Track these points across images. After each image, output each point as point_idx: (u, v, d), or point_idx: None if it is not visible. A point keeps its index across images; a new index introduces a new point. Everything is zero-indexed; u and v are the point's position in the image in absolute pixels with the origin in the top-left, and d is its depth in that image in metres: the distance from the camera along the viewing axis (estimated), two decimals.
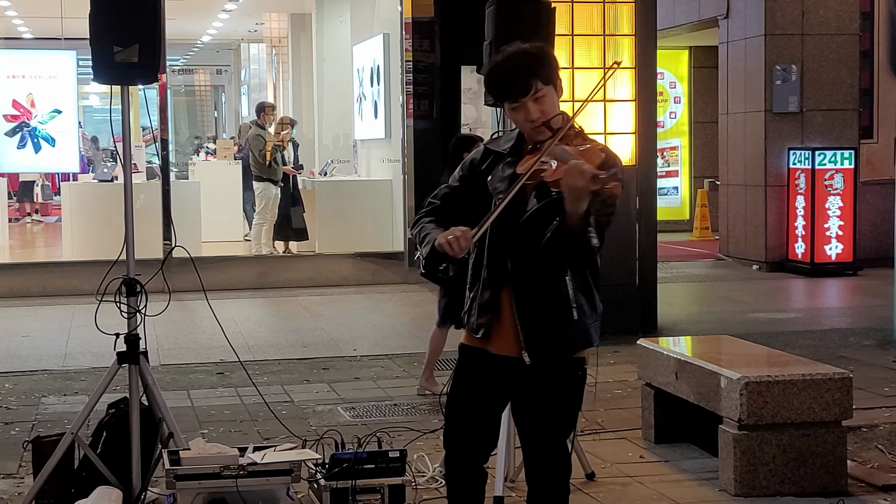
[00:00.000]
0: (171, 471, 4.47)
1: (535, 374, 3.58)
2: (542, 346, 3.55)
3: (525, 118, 3.54)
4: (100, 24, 4.95)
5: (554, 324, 3.55)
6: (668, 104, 18.46)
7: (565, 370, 3.61)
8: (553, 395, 3.61)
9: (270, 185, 14.07)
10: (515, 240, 3.53)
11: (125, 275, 5.07)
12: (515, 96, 3.53)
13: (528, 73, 3.53)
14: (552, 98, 3.57)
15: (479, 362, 3.67)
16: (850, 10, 13.64)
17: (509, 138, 3.70)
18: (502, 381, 3.65)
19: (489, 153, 3.69)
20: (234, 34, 24.60)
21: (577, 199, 3.26)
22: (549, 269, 3.51)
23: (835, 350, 8.69)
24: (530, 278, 3.54)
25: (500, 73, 3.58)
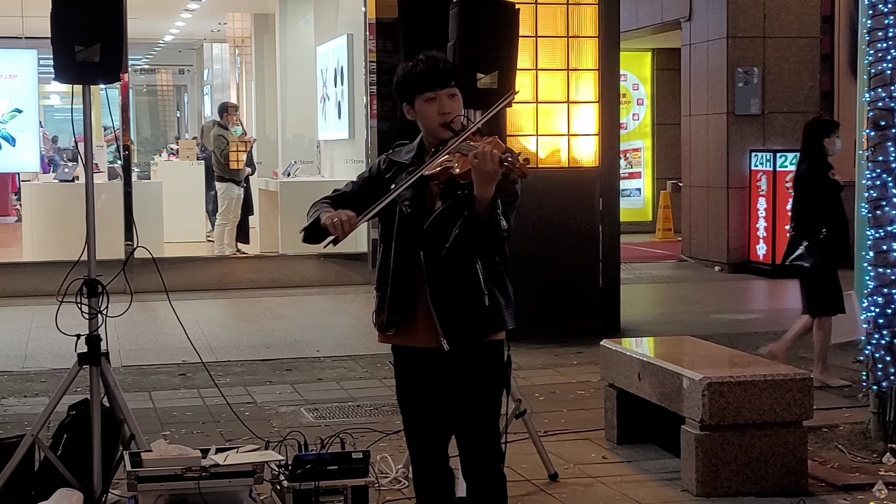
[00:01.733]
0: (133, 473, 4.43)
1: (456, 359, 3.76)
2: (458, 332, 3.73)
3: (438, 111, 3.74)
4: (61, 23, 4.92)
5: (468, 310, 3.73)
6: (631, 106, 18.55)
7: (484, 353, 3.79)
8: (476, 378, 3.79)
9: (233, 185, 14.03)
10: (425, 240, 3.71)
11: (86, 275, 5.04)
12: (435, 85, 3.74)
13: (449, 70, 3.82)
14: (459, 103, 3.81)
15: (408, 359, 3.88)
16: (811, 13, 13.76)
17: (410, 149, 3.88)
18: (430, 373, 3.83)
19: (392, 164, 3.87)
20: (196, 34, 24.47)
21: (487, 182, 3.49)
22: (460, 259, 3.70)
23: (796, 351, 8.74)
24: (443, 271, 3.71)
25: (424, 66, 3.78)
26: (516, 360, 8.25)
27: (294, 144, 17.25)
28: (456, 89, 3.78)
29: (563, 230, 9.40)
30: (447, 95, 3.76)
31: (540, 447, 5.58)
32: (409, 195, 3.75)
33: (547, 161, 9.39)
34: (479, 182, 3.50)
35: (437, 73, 3.76)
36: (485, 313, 3.75)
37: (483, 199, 3.52)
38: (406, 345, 3.86)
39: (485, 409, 3.82)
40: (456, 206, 3.64)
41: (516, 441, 5.88)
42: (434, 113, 3.76)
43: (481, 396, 3.81)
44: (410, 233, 3.76)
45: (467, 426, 3.83)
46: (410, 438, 3.96)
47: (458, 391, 3.81)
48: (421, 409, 3.89)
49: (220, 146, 13.92)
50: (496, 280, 3.78)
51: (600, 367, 6.40)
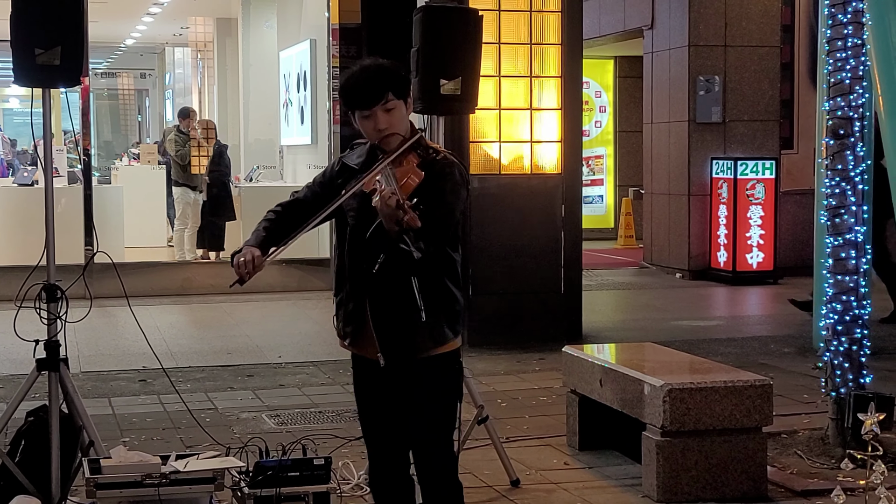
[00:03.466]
0: (92, 479, 4.40)
1: (395, 374, 3.75)
2: (392, 348, 3.71)
3: (374, 127, 3.65)
4: (21, 26, 4.87)
5: (402, 326, 3.69)
6: (593, 113, 18.62)
7: (425, 368, 3.74)
8: (418, 393, 3.76)
9: (188, 189, 13.98)
10: (366, 251, 3.68)
11: (45, 280, 4.99)
12: (368, 104, 3.64)
13: (381, 83, 3.65)
14: (401, 112, 3.69)
15: (361, 368, 3.87)
16: (772, 22, 13.87)
17: (361, 153, 3.81)
18: (379, 384, 3.81)
19: (345, 168, 3.82)
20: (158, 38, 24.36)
21: (389, 220, 3.39)
22: (395, 276, 3.65)
23: (756, 357, 8.81)
24: (381, 286, 3.68)
25: (355, 81, 3.68)
26: (479, 366, 8.32)
27: (257, 149, 17.20)
28: (395, 101, 3.65)
29: (525, 237, 9.42)
30: (382, 111, 3.64)
31: (502, 453, 5.59)
32: (355, 204, 3.69)
33: (510, 168, 9.41)
34: (382, 219, 3.43)
35: (367, 91, 3.65)
36: (422, 330, 3.68)
37: (389, 230, 3.44)
38: (359, 354, 3.85)
39: (432, 421, 3.78)
40: None
41: (478, 447, 5.90)
42: (370, 129, 3.68)
43: (427, 410, 3.76)
44: (357, 242, 3.73)
45: (417, 438, 3.81)
46: (368, 445, 3.96)
47: (404, 405, 3.79)
48: (374, 417, 3.88)
49: (177, 151, 13.87)
50: (437, 291, 3.71)
51: (562, 374, 6.42)
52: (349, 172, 3.77)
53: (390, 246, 3.54)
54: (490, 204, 9.34)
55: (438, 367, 3.76)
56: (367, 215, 3.62)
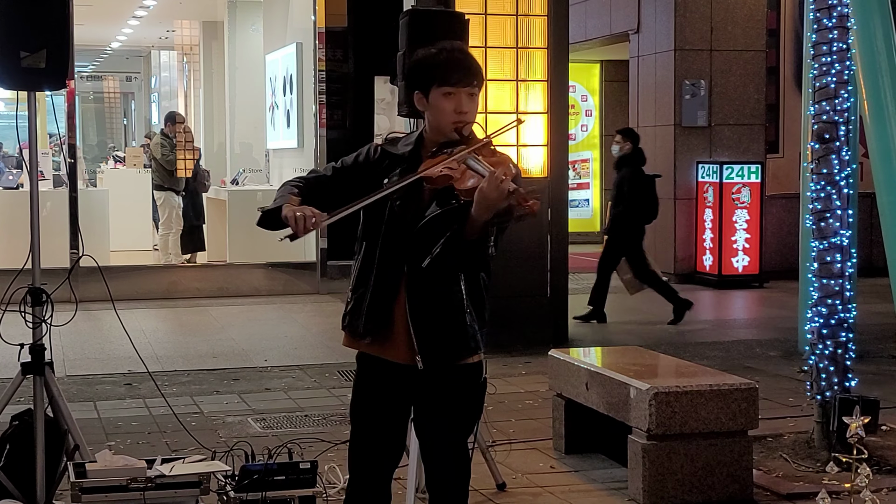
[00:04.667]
0: (77, 483, 4.39)
1: (430, 380, 3.54)
2: (434, 352, 3.50)
3: (455, 108, 3.46)
4: (6, 29, 4.86)
5: (447, 329, 3.50)
6: (579, 117, 18.66)
7: (460, 376, 3.56)
8: (450, 401, 3.57)
9: (172, 194, 13.99)
10: (412, 245, 3.45)
11: (31, 284, 4.98)
12: (465, 78, 3.46)
13: (477, 68, 3.53)
14: (477, 106, 3.53)
15: (376, 371, 3.61)
16: (757, 27, 13.92)
17: (408, 142, 3.59)
18: (400, 389, 3.59)
19: (386, 155, 3.58)
20: (144, 41, 24.30)
21: (487, 209, 3.25)
22: (444, 274, 3.46)
23: (741, 361, 8.83)
24: (425, 283, 3.46)
25: (454, 55, 3.50)
26: None
27: (242, 153, 17.18)
28: (476, 90, 3.50)
29: (511, 240, 9.36)
30: (467, 94, 3.46)
31: (488, 457, 5.59)
32: (402, 193, 3.46)
33: None
34: (479, 206, 3.25)
35: (464, 67, 3.46)
36: (465, 334, 3.51)
37: (477, 223, 3.28)
38: (377, 356, 3.59)
39: (457, 433, 3.61)
40: (449, 215, 3.38)
41: None
42: (450, 109, 3.46)
43: (455, 421, 3.59)
44: (398, 234, 3.48)
45: (437, 448, 3.62)
46: (356, 455, 3.68)
47: (432, 413, 3.59)
48: (377, 425, 3.63)
49: (163, 155, 13.87)
50: (477, 300, 3.54)
51: (548, 377, 6.42)
52: (395, 159, 3.55)
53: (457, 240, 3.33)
54: None
55: (470, 376, 3.59)
56: (414, 205, 3.46)
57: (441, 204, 3.42)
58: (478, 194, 3.25)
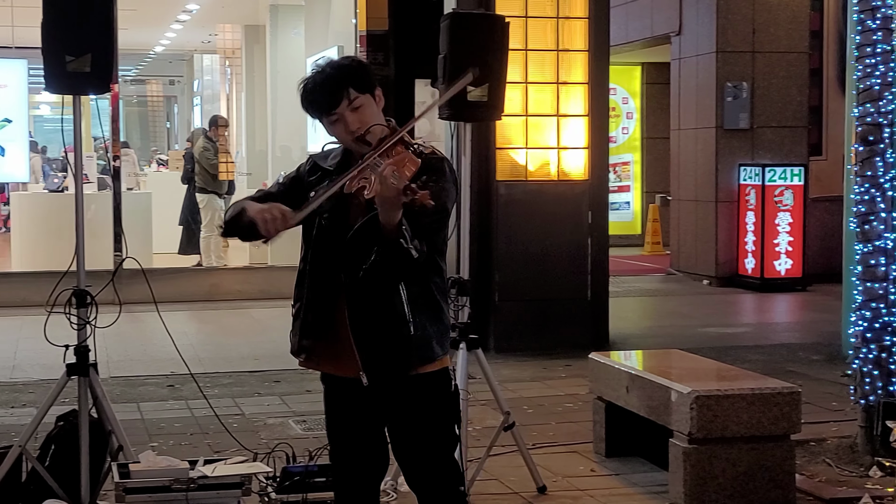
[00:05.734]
0: (121, 484, 4.43)
1: (386, 394, 3.45)
2: (378, 365, 3.40)
3: (345, 130, 3.39)
4: (52, 33, 4.92)
5: (389, 341, 3.38)
6: (620, 120, 18.59)
7: (413, 388, 3.44)
8: (406, 414, 3.47)
9: (215, 197, 14.07)
10: (344, 257, 3.38)
11: (75, 286, 5.03)
12: (330, 106, 3.40)
13: (340, 83, 3.40)
14: (371, 107, 3.43)
15: (336, 389, 3.56)
16: (800, 28, 13.81)
17: (335, 154, 3.54)
18: (362, 404, 3.51)
19: (317, 167, 3.54)
20: (187, 45, 24.49)
21: (389, 209, 3.12)
22: (382, 283, 3.35)
23: (784, 365, 8.77)
24: (362, 295, 3.38)
25: (312, 87, 3.44)
26: (505, 372, 8.31)
27: (284, 156, 17.26)
28: (360, 97, 3.39)
29: (551, 243, 9.41)
30: (350, 111, 3.38)
31: (528, 460, 5.58)
32: (328, 207, 3.38)
33: (536, 174, 9.40)
34: (381, 208, 3.12)
35: (327, 93, 3.39)
36: (410, 345, 3.37)
37: (386, 224, 3.14)
38: (330, 373, 3.53)
39: (429, 443, 3.48)
40: (374, 222, 3.23)
41: (505, 454, 5.89)
42: (342, 133, 3.41)
43: (421, 430, 3.47)
44: (328, 248, 3.42)
45: (412, 462, 3.52)
46: (337, 473, 3.65)
47: (394, 425, 3.51)
48: (348, 441, 3.57)
49: (207, 158, 13.96)
50: (427, 305, 3.41)
51: (588, 380, 6.41)
52: (322, 173, 3.50)
53: (382, 246, 3.20)
54: (516, 210, 9.33)
55: (428, 386, 3.45)
56: (343, 218, 3.39)
57: (369, 212, 3.30)
58: (376, 196, 3.13)
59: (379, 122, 3.43)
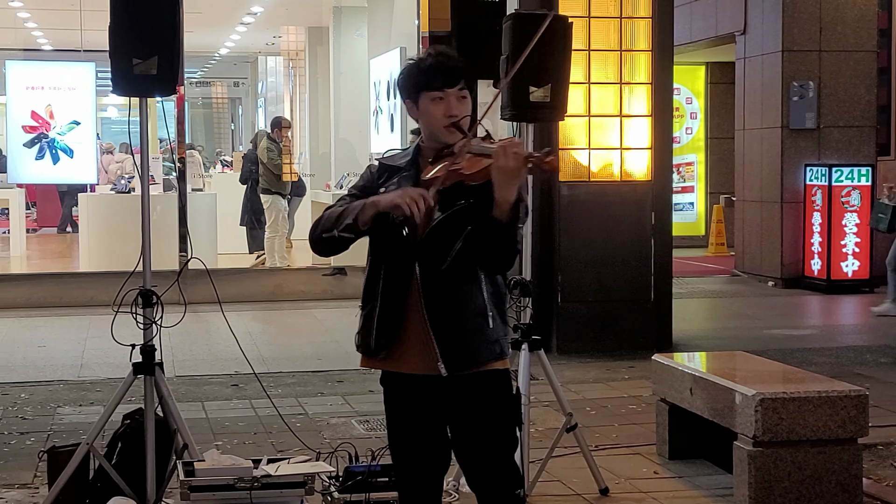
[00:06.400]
0: (186, 482, 4.47)
1: (456, 388, 3.47)
2: (458, 357, 3.42)
3: (445, 112, 3.44)
4: (119, 37, 4.98)
5: (469, 332, 3.43)
6: (684, 120, 18.45)
7: (487, 382, 3.48)
8: (481, 410, 3.48)
9: (279, 197, 14.17)
10: (422, 252, 3.40)
11: (141, 286, 5.09)
12: (446, 83, 3.45)
13: (460, 70, 3.50)
14: (469, 106, 3.50)
15: (400, 387, 3.56)
16: (868, 27, 13.62)
17: (405, 154, 3.57)
18: (427, 402, 3.52)
19: (384, 168, 3.56)
20: (251, 47, 24.70)
21: (509, 181, 3.19)
22: (462, 276, 3.41)
23: (851, 367, 8.66)
24: (442, 288, 3.41)
25: (437, 59, 3.49)
26: (567, 373, 8.29)
27: (347, 157, 17.33)
28: (466, 91, 3.48)
29: (614, 244, 9.37)
30: (456, 97, 3.46)
31: (591, 461, 5.56)
32: None
33: (599, 175, 9.36)
34: (500, 181, 3.19)
35: (446, 70, 3.45)
36: (489, 337, 3.44)
37: (504, 202, 3.19)
38: (393, 370, 3.54)
39: (493, 440, 3.48)
40: (457, 217, 3.34)
41: (567, 455, 5.87)
42: (440, 114, 3.44)
43: (486, 429, 3.48)
44: (402, 245, 3.43)
45: (475, 459, 3.52)
46: (402, 473, 3.64)
47: (459, 423, 3.52)
48: (412, 439, 3.58)
49: (270, 159, 14.06)
50: (498, 304, 3.48)
51: (652, 382, 6.37)
52: (393, 170, 3.52)
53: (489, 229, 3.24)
54: (579, 211, 9.30)
55: (494, 384, 3.50)
56: None
57: (445, 208, 3.37)
58: (495, 172, 3.20)
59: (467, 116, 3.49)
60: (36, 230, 19.88)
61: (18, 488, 5.67)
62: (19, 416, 7.28)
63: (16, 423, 7.08)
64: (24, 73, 14.27)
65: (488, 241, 3.29)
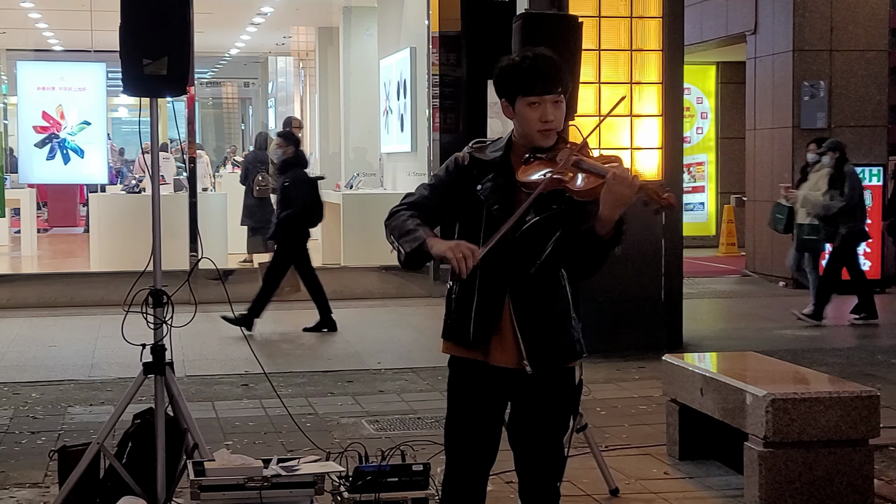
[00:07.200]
0: (196, 482, 4.47)
1: (534, 383, 3.58)
2: (543, 356, 3.55)
3: (540, 117, 3.46)
4: (129, 37, 4.99)
5: (554, 333, 3.57)
6: (694, 119, 18.43)
7: (562, 379, 3.65)
8: (551, 404, 3.63)
9: None
10: (514, 251, 3.48)
11: (152, 286, 5.09)
12: (546, 89, 3.45)
13: (560, 75, 3.50)
14: (563, 110, 3.53)
15: (478, 375, 3.63)
16: (880, 26, 13.59)
17: (497, 147, 3.59)
18: (499, 393, 3.64)
19: (475, 162, 3.58)
20: (261, 47, 24.74)
21: (618, 206, 3.33)
22: (548, 278, 3.54)
23: (862, 368, 8.64)
24: (530, 288, 3.52)
25: (535, 64, 3.48)
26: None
27: (357, 157, 17.35)
28: (562, 96, 3.49)
29: (624, 244, 9.32)
30: (552, 102, 3.47)
31: (601, 462, 5.56)
32: (498, 199, 3.49)
33: None
34: (609, 204, 3.30)
35: (545, 77, 3.45)
36: (571, 337, 3.61)
37: (609, 221, 3.34)
38: (477, 359, 3.61)
39: (554, 432, 3.67)
40: (549, 221, 3.45)
41: (577, 455, 5.86)
42: (535, 119, 3.46)
43: (553, 421, 3.65)
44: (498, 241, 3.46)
45: (534, 448, 3.66)
46: (455, 457, 3.73)
47: (532, 415, 3.63)
48: (474, 429, 3.67)
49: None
50: (577, 303, 3.65)
51: (662, 382, 6.36)
52: (484, 166, 3.55)
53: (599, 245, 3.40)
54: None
55: (570, 378, 3.67)
56: (511, 211, 3.45)
57: (539, 210, 3.45)
58: (607, 194, 3.30)
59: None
60: (47, 230, 19.93)
61: (29, 487, 5.69)
62: (30, 416, 7.29)
63: (27, 423, 7.10)
64: (35, 74, 14.31)
65: (584, 252, 3.46)
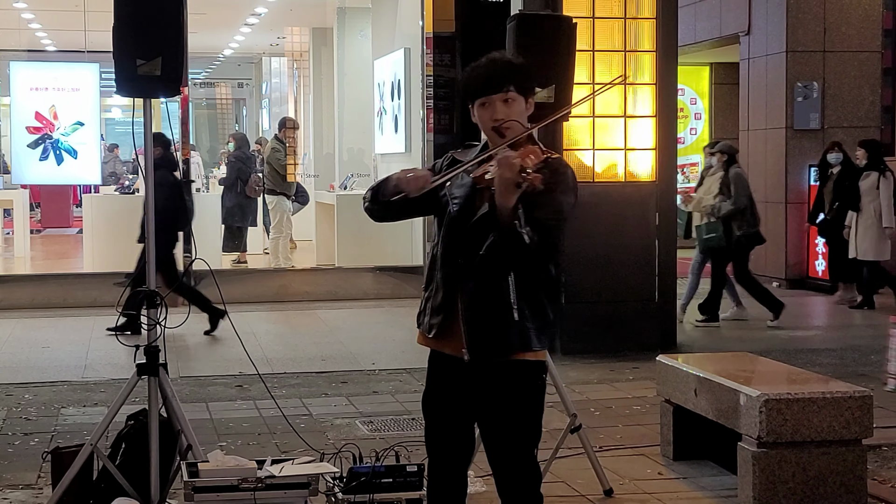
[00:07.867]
0: (190, 483, 4.47)
1: (481, 375, 3.69)
2: (480, 344, 3.65)
3: (490, 116, 3.67)
4: (123, 38, 4.98)
5: (493, 323, 3.64)
6: (688, 120, 18.45)
7: (508, 372, 3.68)
8: (499, 397, 3.69)
9: (284, 198, 14.18)
10: (465, 242, 3.65)
11: (146, 287, 5.09)
12: (486, 91, 3.67)
13: (505, 74, 3.69)
14: (520, 107, 3.69)
15: (439, 365, 3.82)
16: (872, 27, 13.61)
17: (476, 150, 3.80)
18: (459, 384, 3.76)
19: (455, 162, 3.79)
20: (255, 48, 24.70)
21: (504, 191, 3.38)
22: (494, 269, 3.62)
23: (855, 368, 8.65)
24: (475, 279, 3.64)
25: (484, 68, 3.72)
26: (572, 374, 8.28)
27: (351, 158, 17.34)
28: (514, 94, 3.66)
29: (619, 245, 9.36)
30: (501, 101, 3.65)
31: (595, 462, 5.56)
32: (460, 195, 3.69)
33: (604, 175, 9.36)
34: (497, 189, 3.41)
35: (490, 78, 3.68)
36: (511, 329, 3.63)
37: (501, 208, 3.42)
38: (438, 350, 3.81)
39: (514, 430, 3.70)
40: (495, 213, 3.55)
41: (571, 456, 5.87)
42: (487, 118, 3.68)
43: (508, 416, 3.69)
44: (455, 235, 3.69)
45: (496, 447, 3.74)
46: (430, 446, 3.89)
47: (482, 408, 3.74)
48: (442, 417, 3.83)
49: (277, 159, 14.06)
50: (531, 297, 3.65)
51: (656, 383, 6.37)
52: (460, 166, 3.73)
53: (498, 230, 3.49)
54: (583, 212, 9.27)
55: (521, 373, 3.68)
56: (471, 207, 3.64)
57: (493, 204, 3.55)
58: (496, 180, 3.41)
59: (521, 122, 3.69)
60: (40, 231, 19.91)
61: (22, 489, 5.68)
62: (23, 417, 7.28)
63: (20, 424, 7.09)
64: (28, 75, 14.29)
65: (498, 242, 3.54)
